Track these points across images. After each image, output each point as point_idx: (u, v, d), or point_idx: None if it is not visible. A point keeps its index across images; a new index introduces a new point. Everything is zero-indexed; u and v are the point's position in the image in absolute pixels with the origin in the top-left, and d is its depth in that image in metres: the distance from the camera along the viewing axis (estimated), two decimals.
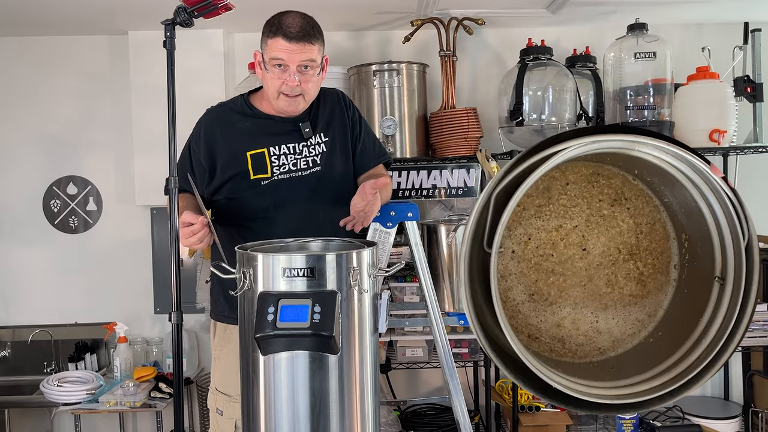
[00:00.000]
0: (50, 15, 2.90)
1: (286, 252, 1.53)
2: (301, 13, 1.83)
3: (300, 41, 1.77)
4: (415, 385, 3.33)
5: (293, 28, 1.77)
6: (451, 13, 2.96)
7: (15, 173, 3.30)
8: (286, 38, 1.77)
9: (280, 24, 1.78)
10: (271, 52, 1.80)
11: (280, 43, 1.77)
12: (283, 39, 1.77)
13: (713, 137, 2.75)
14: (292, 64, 1.79)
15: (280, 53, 1.78)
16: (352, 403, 1.43)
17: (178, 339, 1.97)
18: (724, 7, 2.99)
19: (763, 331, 2.85)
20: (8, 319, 3.30)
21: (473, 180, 2.93)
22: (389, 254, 2.03)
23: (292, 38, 1.76)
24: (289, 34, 1.76)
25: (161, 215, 3.25)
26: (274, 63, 1.80)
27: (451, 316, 2.30)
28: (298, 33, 1.77)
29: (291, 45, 1.77)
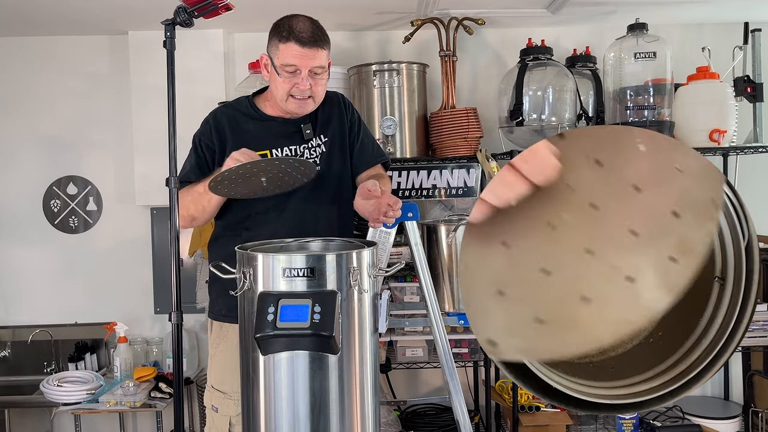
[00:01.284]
0: (50, 15, 2.90)
1: (286, 252, 1.54)
2: (309, 18, 1.85)
3: (313, 46, 1.81)
4: (415, 385, 3.33)
5: (305, 33, 1.80)
6: (451, 13, 2.96)
7: (15, 173, 3.30)
8: (300, 43, 1.80)
9: (291, 29, 1.81)
10: (283, 58, 1.82)
11: (294, 48, 1.80)
12: (296, 44, 1.80)
13: (713, 137, 2.76)
14: (304, 69, 1.82)
15: (294, 59, 1.81)
16: (352, 403, 1.43)
17: (178, 339, 1.97)
18: (724, 7, 2.99)
19: (763, 331, 2.85)
20: (8, 319, 3.30)
21: (473, 180, 2.93)
22: (389, 254, 2.03)
23: (305, 44, 1.80)
24: (302, 39, 1.80)
25: (161, 215, 3.25)
26: (286, 68, 1.83)
27: (451, 316, 2.30)
28: (310, 38, 1.80)
29: (304, 50, 1.80)
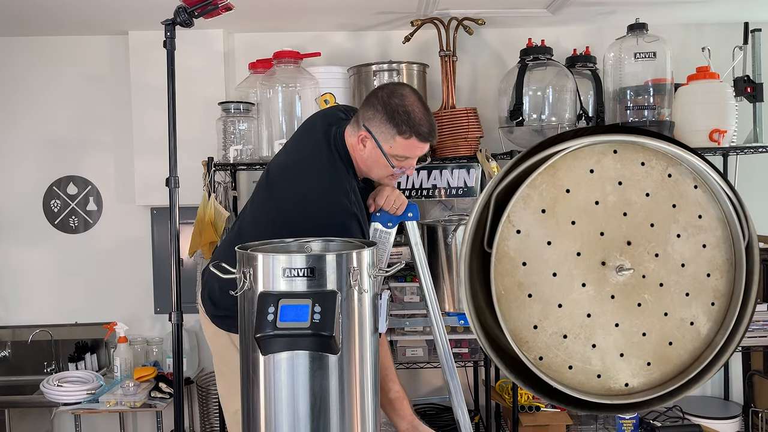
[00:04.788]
0: (50, 15, 2.90)
1: (286, 252, 1.54)
2: (423, 103, 1.86)
3: (430, 141, 1.86)
4: (415, 385, 3.33)
5: (425, 127, 1.82)
6: (451, 13, 2.96)
7: (15, 173, 3.30)
8: (421, 139, 1.83)
9: (412, 123, 1.81)
10: (401, 150, 1.84)
11: (414, 143, 1.83)
12: (417, 140, 1.83)
13: (713, 137, 2.76)
14: (415, 158, 1.87)
15: (411, 152, 1.85)
16: (352, 403, 1.43)
17: (178, 339, 1.98)
18: (724, 7, 2.99)
19: (763, 331, 2.85)
20: (8, 319, 3.30)
21: (473, 180, 2.93)
22: (389, 254, 2.03)
23: (426, 140, 1.84)
24: (423, 135, 1.83)
25: (161, 215, 3.25)
26: (400, 160, 1.86)
27: (451, 316, 2.31)
28: (430, 134, 1.84)
29: (423, 145, 1.85)
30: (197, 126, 3.02)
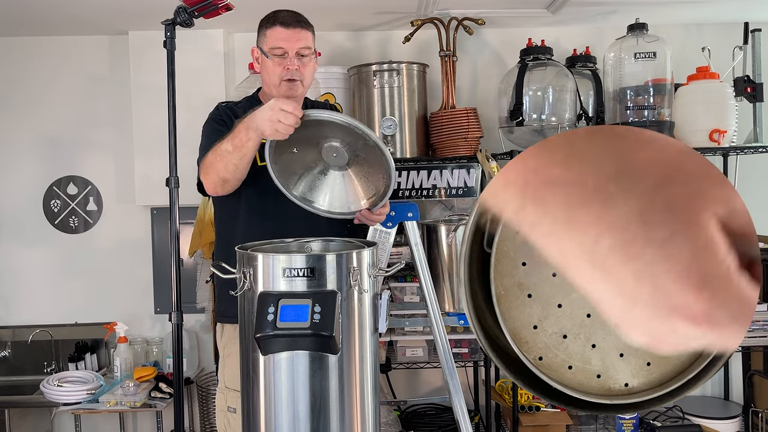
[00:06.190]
0: (50, 15, 2.90)
1: (286, 252, 1.54)
2: (291, 9, 2.03)
3: (296, 27, 1.97)
4: (415, 385, 3.33)
5: (288, 17, 1.98)
6: (451, 13, 2.96)
7: (15, 173, 3.30)
8: (284, 25, 1.96)
9: (275, 16, 1.99)
10: (271, 42, 1.97)
11: (279, 31, 1.96)
12: (281, 27, 1.96)
13: (713, 137, 2.76)
14: (291, 50, 1.96)
15: (280, 41, 1.95)
16: (352, 403, 1.43)
17: (178, 339, 1.98)
18: (724, 7, 2.99)
19: (763, 331, 2.85)
20: (8, 319, 3.30)
21: (473, 180, 2.93)
22: (389, 254, 2.03)
23: (289, 25, 1.96)
24: (285, 21, 1.97)
25: (161, 215, 3.25)
26: (274, 51, 1.96)
27: (451, 316, 2.31)
28: (293, 20, 1.98)
29: (289, 31, 1.96)
30: (197, 126, 3.01)
